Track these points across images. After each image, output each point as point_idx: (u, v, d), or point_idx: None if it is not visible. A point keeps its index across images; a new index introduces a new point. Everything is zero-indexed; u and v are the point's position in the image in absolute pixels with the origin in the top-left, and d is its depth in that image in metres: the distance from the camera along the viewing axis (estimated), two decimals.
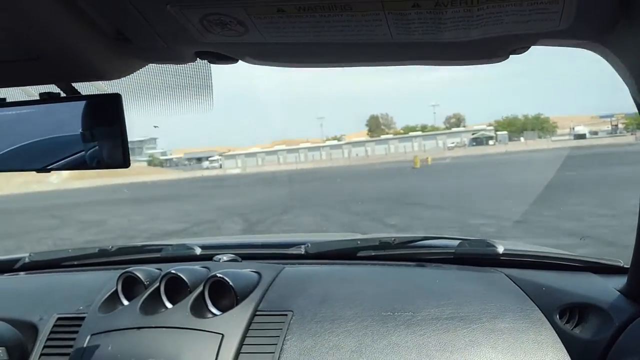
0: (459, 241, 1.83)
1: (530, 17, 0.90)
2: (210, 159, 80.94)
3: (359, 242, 1.95)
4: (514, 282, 1.57)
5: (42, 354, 1.56)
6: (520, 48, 1.05)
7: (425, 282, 1.63)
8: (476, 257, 1.76)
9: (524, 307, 1.45)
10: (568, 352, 1.35)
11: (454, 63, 1.12)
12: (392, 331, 1.41)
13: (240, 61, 1.09)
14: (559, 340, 1.37)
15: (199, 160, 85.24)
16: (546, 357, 1.33)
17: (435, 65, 1.14)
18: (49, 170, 1.15)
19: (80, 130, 1.10)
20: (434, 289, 1.57)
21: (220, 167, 71.75)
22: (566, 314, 1.44)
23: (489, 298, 1.49)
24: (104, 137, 1.10)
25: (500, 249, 1.73)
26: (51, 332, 1.59)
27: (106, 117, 1.08)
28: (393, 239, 1.87)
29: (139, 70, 1.14)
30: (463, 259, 1.76)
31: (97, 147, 1.10)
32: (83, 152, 1.10)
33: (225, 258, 1.80)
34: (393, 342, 1.39)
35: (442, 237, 1.94)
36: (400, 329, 1.41)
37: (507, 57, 1.09)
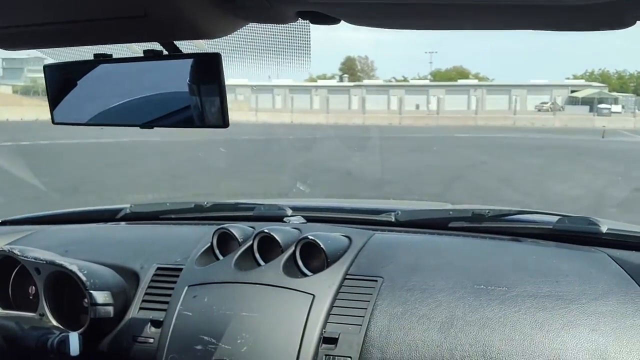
0: (558, 217, 1.75)
1: None
2: None
3: (450, 212, 1.91)
4: (617, 264, 1.49)
5: (143, 301, 1.65)
6: None
7: (521, 258, 1.57)
8: (577, 235, 1.68)
9: (628, 291, 1.37)
10: None
11: (572, 29, 1.03)
12: (484, 305, 1.37)
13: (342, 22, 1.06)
14: None
15: None
16: None
17: (548, 30, 1.05)
18: (151, 126, 1.19)
19: (180, 89, 1.12)
20: (530, 265, 1.51)
21: None
22: None
23: (590, 278, 1.42)
24: (204, 96, 1.12)
25: (604, 228, 1.65)
26: (151, 281, 1.68)
27: (206, 76, 1.10)
28: (487, 211, 1.81)
29: (239, 30, 1.14)
30: (562, 236, 1.69)
31: (197, 105, 1.12)
32: (184, 110, 1.13)
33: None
34: (485, 317, 1.35)
35: (538, 211, 1.86)
36: (494, 303, 1.37)
37: (634, 23, 0.98)
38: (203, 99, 1.12)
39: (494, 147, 18.91)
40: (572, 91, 51.15)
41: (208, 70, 1.09)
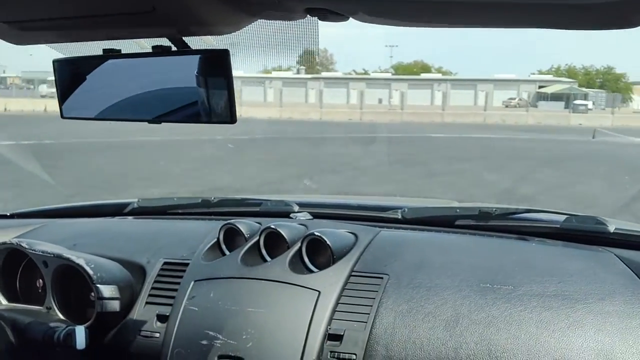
0: (565, 216, 1.74)
1: None
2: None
3: (457, 210, 1.91)
4: (625, 264, 1.48)
5: (149, 295, 1.66)
6: None
7: (528, 257, 1.57)
8: (584, 234, 1.67)
9: (635, 291, 1.36)
10: None
11: (579, 27, 1.02)
12: (490, 304, 1.37)
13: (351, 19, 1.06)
14: None
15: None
16: None
17: (556, 29, 1.04)
18: (159, 122, 1.19)
19: (188, 84, 1.13)
20: (536, 264, 1.50)
21: None
22: None
23: (597, 278, 1.41)
24: (211, 92, 1.12)
25: (612, 228, 1.64)
26: (158, 275, 1.69)
27: (214, 72, 1.10)
28: (494, 209, 1.81)
29: (247, 26, 1.14)
30: (569, 235, 1.68)
31: (204, 101, 1.12)
32: (191, 106, 1.13)
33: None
34: (491, 315, 1.35)
35: (545, 210, 1.86)
36: (500, 302, 1.37)
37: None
38: (211, 95, 1.12)
39: (495, 156, 15.17)
40: (540, 86, 49.87)
41: (216, 66, 1.09)
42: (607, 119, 33.22)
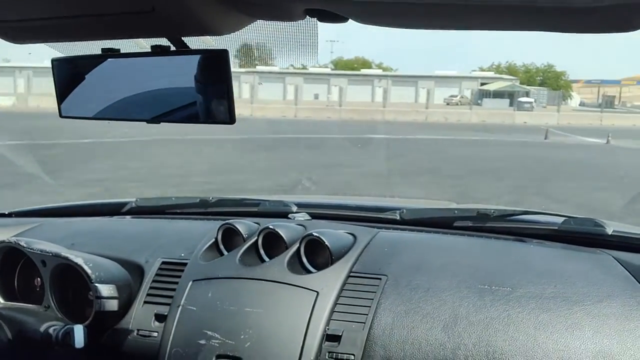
0: (564, 218, 1.75)
1: None
2: None
3: (456, 211, 1.91)
4: (623, 266, 1.48)
5: (147, 295, 1.66)
6: None
7: (526, 258, 1.57)
8: (582, 236, 1.68)
9: (632, 293, 1.37)
10: None
11: (582, 31, 1.02)
12: (488, 305, 1.37)
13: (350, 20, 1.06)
14: None
15: None
16: None
17: (558, 32, 1.04)
18: (158, 122, 1.19)
19: (187, 85, 1.13)
20: (534, 266, 1.51)
21: None
22: None
23: (595, 280, 1.42)
24: (211, 92, 1.12)
25: (609, 230, 1.64)
26: (156, 275, 1.69)
27: (213, 72, 1.10)
28: (492, 211, 1.81)
29: (246, 27, 1.14)
30: (567, 237, 1.69)
31: (203, 101, 1.12)
32: (190, 106, 1.13)
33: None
34: (489, 317, 1.35)
35: (544, 212, 1.86)
36: (498, 304, 1.37)
37: None
38: (210, 95, 1.13)
39: (447, 169, 12.51)
40: (482, 84, 48.88)
41: (215, 67, 1.09)
42: (552, 117, 32.62)
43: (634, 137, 21.91)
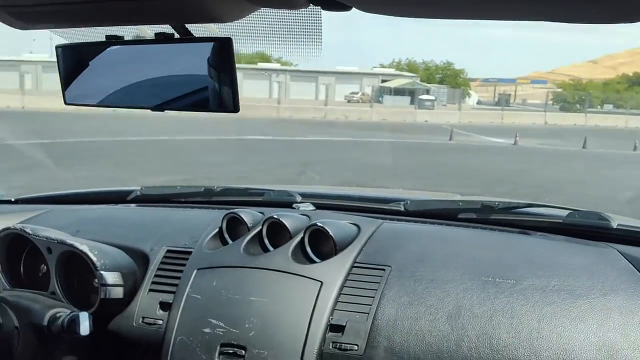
0: (568, 211, 1.74)
1: None
2: None
3: (460, 203, 1.91)
4: (627, 259, 1.48)
5: (152, 283, 1.67)
6: None
7: (530, 251, 1.56)
8: (586, 229, 1.67)
9: (636, 287, 1.36)
10: None
11: (590, 21, 1.01)
12: (492, 297, 1.37)
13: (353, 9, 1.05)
14: None
15: None
16: None
17: (566, 22, 1.03)
18: (162, 109, 1.19)
19: (191, 72, 1.12)
20: (538, 259, 1.50)
21: None
22: None
23: (599, 274, 1.41)
24: (214, 81, 1.12)
25: (614, 223, 1.64)
26: (161, 263, 1.69)
27: (217, 60, 1.09)
28: (496, 203, 1.80)
29: (250, 14, 1.13)
30: (571, 230, 1.68)
31: (207, 89, 1.12)
32: (194, 94, 1.13)
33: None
34: (493, 309, 1.35)
35: (548, 205, 1.85)
36: (502, 296, 1.37)
37: None
38: (214, 83, 1.12)
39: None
40: (383, 80, 47.88)
41: (219, 55, 1.09)
42: (453, 116, 31.83)
43: (537, 136, 21.82)
